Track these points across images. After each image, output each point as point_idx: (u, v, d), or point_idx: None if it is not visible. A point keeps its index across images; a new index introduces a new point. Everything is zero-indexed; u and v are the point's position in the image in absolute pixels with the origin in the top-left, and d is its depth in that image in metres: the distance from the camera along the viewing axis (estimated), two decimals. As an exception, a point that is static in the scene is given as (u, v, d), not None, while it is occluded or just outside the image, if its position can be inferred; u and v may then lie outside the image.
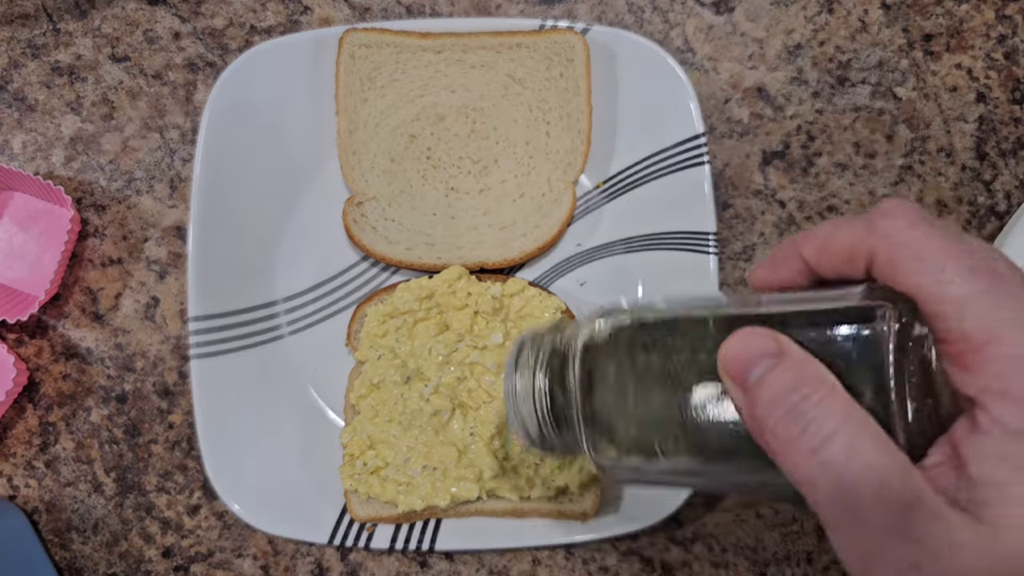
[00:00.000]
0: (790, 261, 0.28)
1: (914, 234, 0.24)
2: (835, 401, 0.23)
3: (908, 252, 0.24)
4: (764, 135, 0.50)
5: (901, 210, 0.25)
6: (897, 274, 0.24)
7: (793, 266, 0.28)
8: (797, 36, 0.50)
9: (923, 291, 0.23)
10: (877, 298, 0.24)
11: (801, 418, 0.23)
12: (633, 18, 0.50)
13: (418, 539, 0.46)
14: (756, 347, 0.24)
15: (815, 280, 0.28)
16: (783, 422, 0.23)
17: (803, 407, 0.23)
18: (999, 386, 0.22)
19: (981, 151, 0.49)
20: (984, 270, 0.23)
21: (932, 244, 0.24)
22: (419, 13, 0.50)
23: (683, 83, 0.46)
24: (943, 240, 0.24)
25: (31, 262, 0.49)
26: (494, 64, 0.47)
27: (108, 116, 0.50)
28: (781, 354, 0.24)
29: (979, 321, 0.22)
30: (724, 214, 0.49)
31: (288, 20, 0.50)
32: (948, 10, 0.50)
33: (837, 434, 0.22)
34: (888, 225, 0.25)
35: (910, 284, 0.24)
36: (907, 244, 0.24)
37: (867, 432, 0.22)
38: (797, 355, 0.24)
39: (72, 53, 0.50)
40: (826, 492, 0.22)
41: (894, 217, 0.25)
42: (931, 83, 0.50)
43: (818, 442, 0.22)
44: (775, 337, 0.24)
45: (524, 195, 0.47)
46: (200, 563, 0.48)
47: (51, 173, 0.50)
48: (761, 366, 0.24)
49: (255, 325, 0.47)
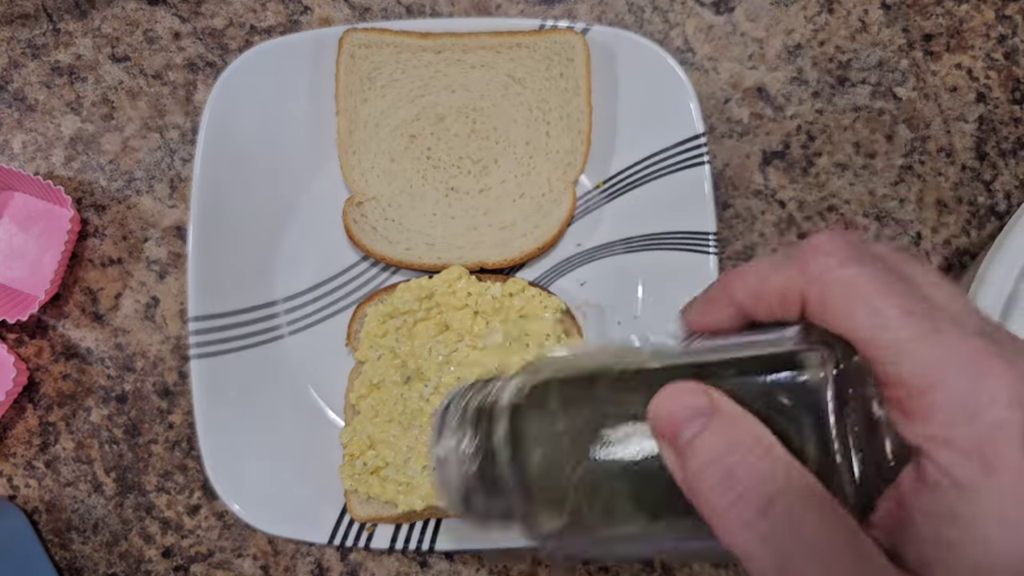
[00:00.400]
0: (722, 305, 0.26)
1: (845, 273, 0.23)
2: (772, 463, 0.21)
3: (839, 294, 0.22)
4: (764, 135, 0.50)
5: (832, 246, 0.23)
6: (829, 317, 0.23)
7: (725, 310, 0.26)
8: (797, 36, 0.50)
9: (857, 335, 0.22)
10: (813, 341, 0.23)
11: (736, 485, 0.21)
12: (633, 18, 0.50)
13: (418, 539, 0.46)
14: (686, 404, 0.22)
15: (750, 322, 0.26)
16: (716, 490, 0.21)
17: (738, 473, 0.21)
18: (945, 435, 0.21)
19: (981, 151, 0.49)
20: (922, 312, 0.21)
21: (865, 285, 0.22)
22: (419, 13, 0.50)
23: (683, 83, 0.46)
24: (876, 280, 0.22)
25: (31, 262, 0.49)
26: (494, 64, 0.47)
27: (108, 116, 0.50)
28: (713, 411, 0.22)
29: (918, 366, 0.21)
30: (724, 214, 0.49)
31: (288, 20, 0.50)
32: (948, 10, 0.50)
33: (775, 503, 0.21)
34: (818, 265, 0.23)
35: (844, 327, 0.22)
36: (838, 285, 0.23)
37: (809, 499, 0.21)
38: (730, 412, 0.22)
39: (72, 53, 0.50)
40: (764, 568, 0.21)
41: (825, 255, 0.23)
42: (931, 83, 0.50)
43: (753, 514, 0.21)
44: (707, 392, 0.23)
45: (524, 195, 0.47)
46: (200, 563, 0.48)
47: (51, 173, 0.50)
48: (692, 426, 0.22)
49: (255, 325, 0.47)
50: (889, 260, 0.23)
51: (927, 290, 0.22)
